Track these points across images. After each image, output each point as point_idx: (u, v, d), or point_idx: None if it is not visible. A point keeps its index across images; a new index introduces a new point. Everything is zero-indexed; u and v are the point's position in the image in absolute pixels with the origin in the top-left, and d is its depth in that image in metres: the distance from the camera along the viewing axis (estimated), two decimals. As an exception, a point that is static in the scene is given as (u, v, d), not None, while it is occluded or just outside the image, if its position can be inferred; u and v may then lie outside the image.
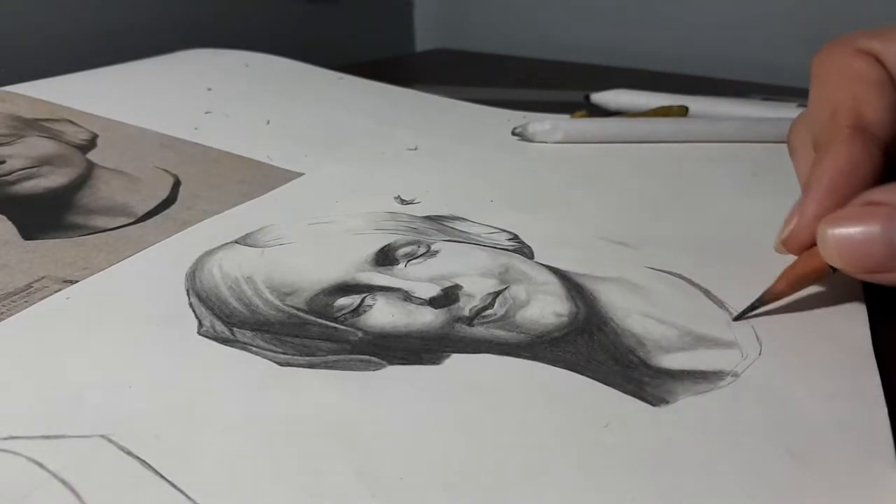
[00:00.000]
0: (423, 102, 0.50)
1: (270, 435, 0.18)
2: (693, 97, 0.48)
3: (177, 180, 0.35)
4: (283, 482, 0.17)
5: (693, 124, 0.43)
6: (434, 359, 0.21)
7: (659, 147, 0.41)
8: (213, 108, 0.44)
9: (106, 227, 0.30)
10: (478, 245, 0.28)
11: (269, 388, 0.20)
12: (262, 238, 0.29)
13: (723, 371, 0.21)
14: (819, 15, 0.64)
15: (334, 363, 0.21)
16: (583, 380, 0.20)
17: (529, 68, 0.71)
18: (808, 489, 0.17)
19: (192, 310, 0.24)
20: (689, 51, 0.70)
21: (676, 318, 0.23)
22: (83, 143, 0.38)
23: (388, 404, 0.19)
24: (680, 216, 0.32)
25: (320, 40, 0.76)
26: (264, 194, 0.33)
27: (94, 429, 0.18)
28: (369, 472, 0.17)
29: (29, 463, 0.17)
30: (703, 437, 0.18)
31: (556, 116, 0.44)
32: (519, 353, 0.22)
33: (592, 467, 0.17)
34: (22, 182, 0.33)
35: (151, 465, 0.17)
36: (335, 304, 0.24)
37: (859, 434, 0.18)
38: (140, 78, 0.49)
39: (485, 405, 0.19)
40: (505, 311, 0.23)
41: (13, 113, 0.39)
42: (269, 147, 0.39)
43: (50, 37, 0.56)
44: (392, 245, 0.27)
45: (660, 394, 0.20)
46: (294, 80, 0.52)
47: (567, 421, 0.19)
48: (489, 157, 0.39)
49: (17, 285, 0.25)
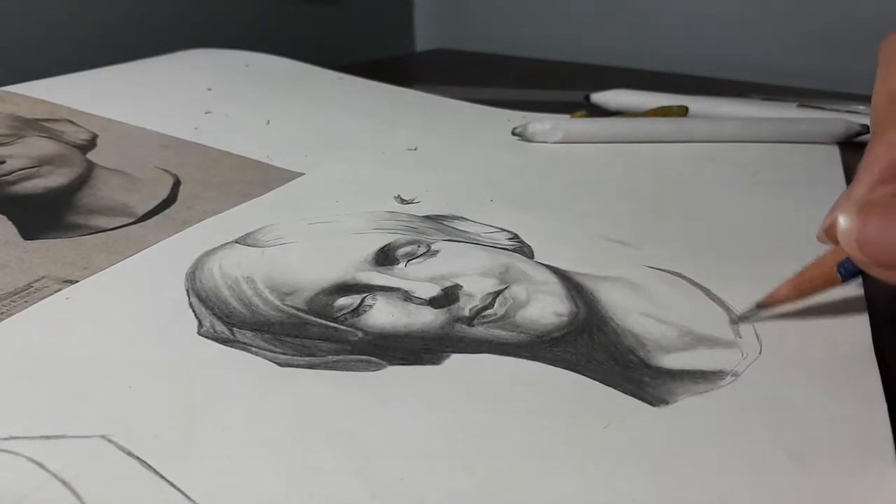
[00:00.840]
0: (423, 102, 0.50)
1: (270, 435, 0.18)
2: (693, 97, 0.48)
3: (177, 180, 0.35)
4: (283, 482, 0.17)
5: (693, 124, 0.43)
6: (434, 359, 0.21)
7: (659, 147, 0.41)
8: (213, 107, 0.44)
9: (106, 226, 0.30)
10: (478, 245, 0.28)
11: (269, 388, 0.20)
12: (262, 238, 0.29)
13: (723, 371, 0.21)
14: (819, 15, 0.64)
15: (334, 363, 0.21)
16: (583, 380, 0.20)
17: (529, 68, 0.71)
18: (808, 489, 0.17)
19: (192, 310, 0.24)
20: (689, 51, 0.70)
21: (676, 318, 0.23)
22: (83, 142, 0.38)
23: (389, 405, 0.19)
24: (680, 216, 0.32)
25: (320, 40, 0.76)
26: (264, 194, 0.33)
27: (94, 429, 0.18)
28: (369, 472, 0.17)
29: (29, 463, 0.17)
30: (703, 438, 0.18)
31: (556, 116, 0.44)
32: (519, 353, 0.21)
33: (592, 467, 0.17)
34: (22, 182, 0.33)
35: (151, 466, 0.17)
36: (335, 304, 0.24)
37: (859, 434, 0.18)
38: (140, 78, 0.49)
39: (485, 405, 0.19)
40: (505, 311, 0.23)
41: (13, 113, 0.39)
42: (269, 147, 0.39)
43: (50, 37, 0.56)
44: (392, 245, 0.27)
45: (660, 394, 0.20)
46: (294, 80, 0.52)
47: (567, 421, 0.19)
48: (489, 157, 0.39)
49: (17, 285, 0.25)
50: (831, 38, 0.64)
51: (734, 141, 0.42)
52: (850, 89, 0.54)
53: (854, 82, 0.52)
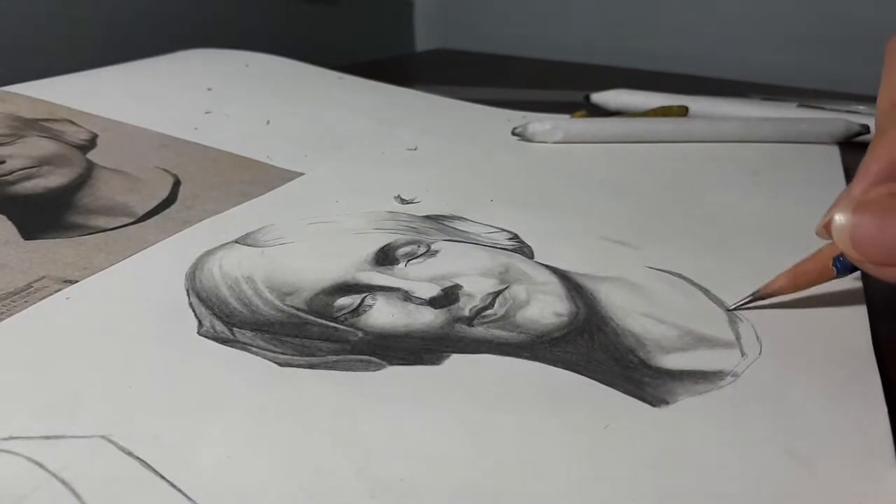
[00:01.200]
0: (423, 102, 0.50)
1: (270, 435, 0.18)
2: (693, 97, 0.48)
3: (177, 180, 0.35)
4: (283, 483, 0.17)
5: (693, 124, 0.43)
6: (434, 359, 0.21)
7: (659, 147, 0.41)
8: (214, 107, 0.44)
9: (106, 226, 0.30)
10: (478, 245, 0.28)
11: (269, 388, 0.20)
12: (262, 238, 0.29)
13: (723, 371, 0.21)
14: (818, 15, 0.64)
15: (334, 363, 0.21)
16: (583, 380, 0.20)
17: (529, 68, 0.71)
18: (809, 489, 0.17)
19: (192, 310, 0.24)
20: (689, 51, 0.70)
21: (676, 318, 0.23)
22: (83, 142, 0.38)
23: (388, 405, 0.19)
24: (680, 215, 0.32)
25: (320, 40, 0.76)
26: (264, 194, 0.33)
27: (93, 429, 0.18)
28: (369, 472, 0.17)
29: (29, 463, 0.17)
30: (702, 438, 0.18)
31: (556, 116, 0.44)
32: (519, 353, 0.21)
33: (592, 468, 0.17)
34: (22, 182, 0.33)
35: (151, 466, 0.17)
36: (335, 303, 0.24)
37: (859, 434, 0.18)
38: (140, 78, 0.49)
39: (485, 406, 0.19)
40: (505, 311, 0.23)
41: (13, 113, 0.39)
42: (269, 147, 0.39)
43: (50, 37, 0.56)
44: (392, 245, 0.27)
45: (660, 394, 0.20)
46: (294, 80, 0.52)
47: (567, 421, 0.19)
48: (489, 157, 0.39)
49: (17, 285, 0.25)
50: (831, 38, 0.64)
51: (734, 141, 0.42)
52: (850, 89, 0.54)
53: (854, 82, 0.52)
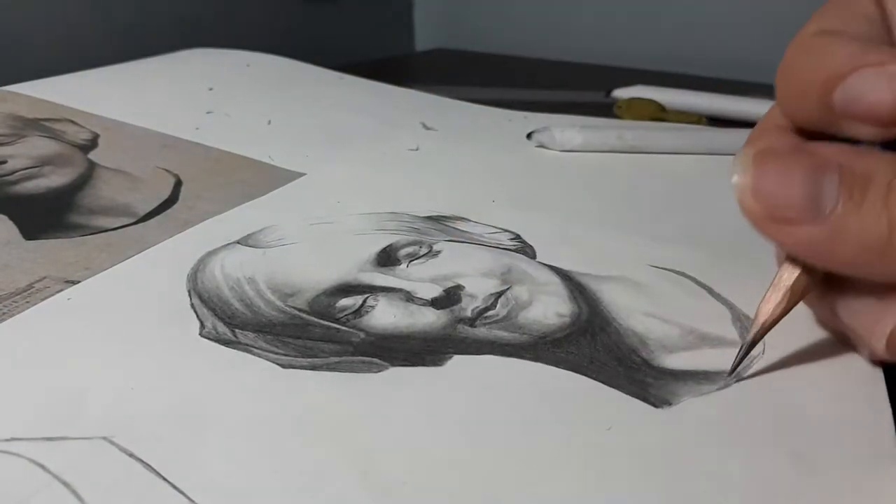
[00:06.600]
0: (423, 102, 0.50)
1: (273, 437, 0.18)
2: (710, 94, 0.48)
3: (178, 180, 0.34)
4: (286, 485, 0.17)
5: (714, 135, 0.42)
6: (436, 360, 0.21)
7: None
8: (215, 107, 0.44)
9: (107, 227, 0.30)
10: (480, 245, 0.28)
11: (271, 390, 0.20)
12: (264, 238, 0.28)
13: (726, 371, 0.20)
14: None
15: (336, 365, 0.21)
16: (585, 381, 0.20)
17: (530, 68, 0.71)
18: (812, 490, 0.16)
19: (193, 311, 0.23)
20: (690, 51, 0.70)
21: (679, 317, 0.23)
22: (84, 142, 0.38)
23: (391, 406, 0.19)
24: (683, 214, 0.32)
25: (320, 40, 0.76)
26: (266, 194, 0.33)
27: (95, 430, 0.18)
28: (372, 474, 0.17)
29: (30, 465, 0.17)
30: (705, 439, 0.18)
31: (555, 117, 0.44)
32: (521, 354, 0.21)
33: (595, 470, 0.17)
34: (23, 182, 0.33)
35: (153, 467, 0.17)
36: (337, 304, 0.24)
37: (864, 434, 0.18)
38: (141, 78, 0.49)
39: (487, 407, 0.19)
40: (507, 312, 0.23)
41: (14, 113, 0.39)
42: (270, 147, 0.39)
43: (50, 37, 0.56)
44: (394, 245, 0.27)
45: (663, 395, 0.20)
46: (294, 80, 0.52)
47: (570, 423, 0.19)
48: (490, 157, 0.39)
49: (18, 286, 0.25)
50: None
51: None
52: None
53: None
